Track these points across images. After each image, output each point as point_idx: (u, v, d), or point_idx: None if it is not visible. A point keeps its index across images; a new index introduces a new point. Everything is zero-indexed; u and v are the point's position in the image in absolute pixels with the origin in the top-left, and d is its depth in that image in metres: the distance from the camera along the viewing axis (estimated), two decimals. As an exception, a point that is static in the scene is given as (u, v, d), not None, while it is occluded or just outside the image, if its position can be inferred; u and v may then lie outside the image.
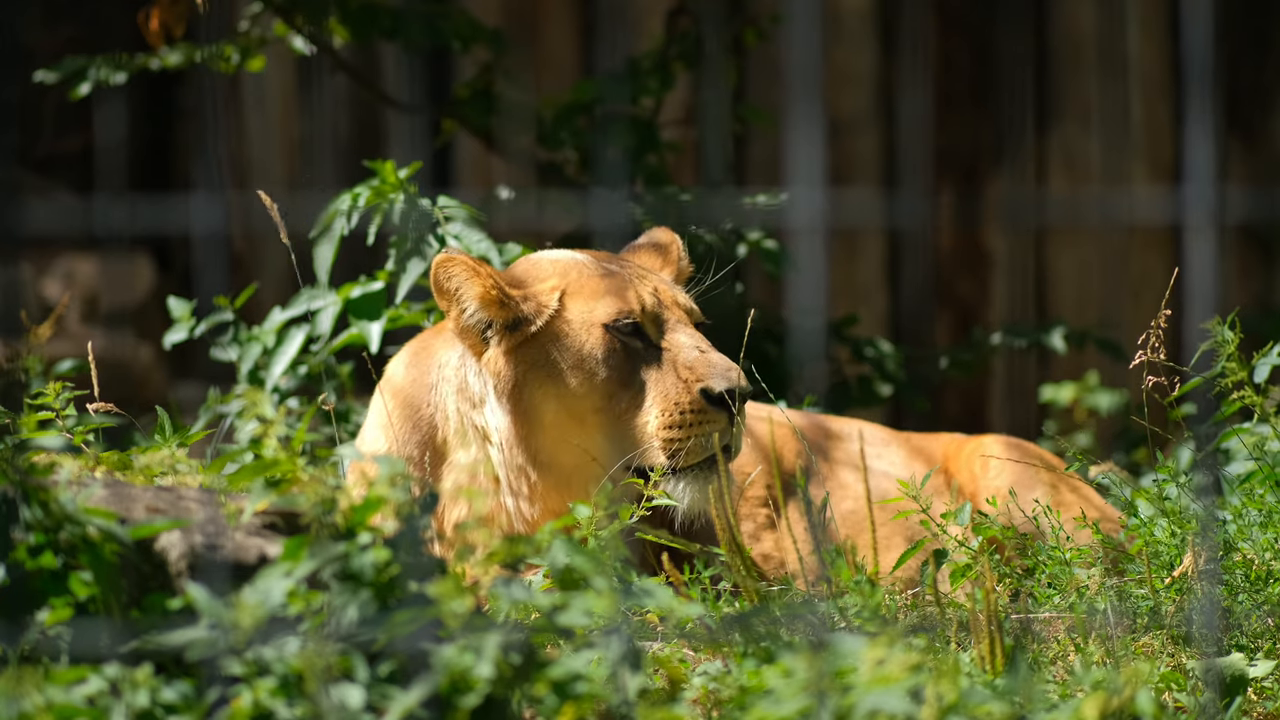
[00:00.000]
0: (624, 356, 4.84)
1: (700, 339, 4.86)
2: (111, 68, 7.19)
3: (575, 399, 4.85)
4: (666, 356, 4.84)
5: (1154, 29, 9.53)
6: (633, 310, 4.85)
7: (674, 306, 4.91)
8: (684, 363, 4.81)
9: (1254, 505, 4.57)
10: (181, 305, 6.34)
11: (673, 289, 4.97)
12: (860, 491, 5.38)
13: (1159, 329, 4.72)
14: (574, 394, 4.85)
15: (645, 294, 4.89)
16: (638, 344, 4.86)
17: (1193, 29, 7.84)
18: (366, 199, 5.86)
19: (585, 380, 4.85)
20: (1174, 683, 4.07)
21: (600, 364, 4.84)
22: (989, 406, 9.59)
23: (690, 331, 4.87)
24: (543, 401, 4.86)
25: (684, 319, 4.91)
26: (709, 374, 4.77)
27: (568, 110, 7.45)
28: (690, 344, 4.83)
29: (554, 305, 4.87)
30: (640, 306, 4.86)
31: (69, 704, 3.26)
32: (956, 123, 9.52)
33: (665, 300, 4.91)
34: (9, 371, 4.46)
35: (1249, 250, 9.67)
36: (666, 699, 3.59)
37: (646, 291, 4.90)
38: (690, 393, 4.77)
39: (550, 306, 4.87)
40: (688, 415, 4.77)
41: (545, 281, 4.93)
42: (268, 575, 3.35)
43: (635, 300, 4.86)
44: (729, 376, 4.75)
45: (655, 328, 4.87)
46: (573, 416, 4.85)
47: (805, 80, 6.66)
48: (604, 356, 4.84)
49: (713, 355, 4.81)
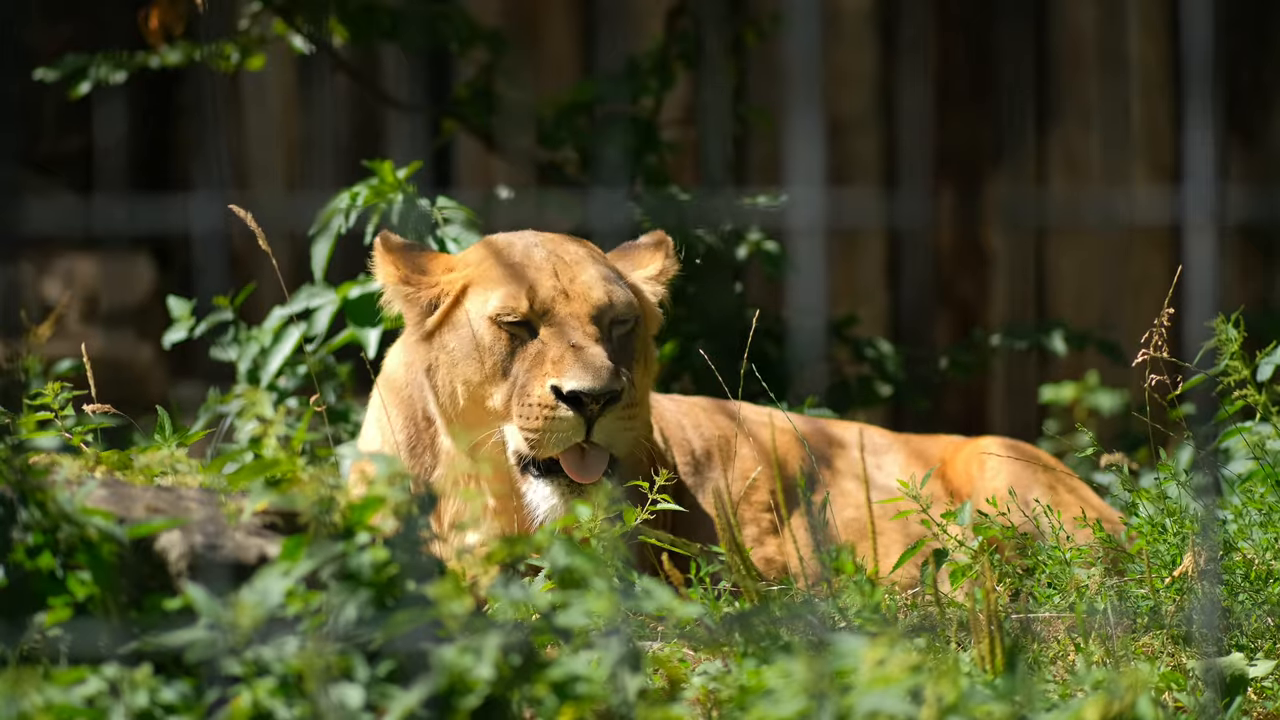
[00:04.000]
0: (508, 349, 4.87)
1: (588, 336, 4.82)
2: (111, 66, 7.19)
3: (471, 387, 4.91)
4: (540, 350, 4.84)
5: (1154, 29, 9.52)
6: (518, 305, 4.85)
7: (579, 301, 4.87)
8: (551, 357, 4.81)
9: (1254, 505, 4.57)
10: (181, 305, 6.34)
11: (595, 284, 4.90)
12: (862, 500, 5.39)
13: (1162, 327, 4.72)
14: (469, 382, 4.91)
15: (543, 288, 4.87)
16: (524, 336, 4.87)
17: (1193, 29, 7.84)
18: (365, 198, 5.86)
19: (476, 369, 4.90)
20: (1174, 683, 4.07)
21: (487, 353, 4.88)
22: (989, 407, 9.59)
23: (581, 328, 4.84)
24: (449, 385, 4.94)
25: (584, 314, 4.86)
26: (564, 371, 4.76)
27: (568, 110, 7.45)
28: (567, 340, 4.82)
29: (454, 294, 4.94)
30: (530, 302, 4.85)
31: (68, 704, 3.26)
32: (956, 122, 9.52)
33: (572, 294, 4.88)
34: (9, 371, 4.45)
35: (1249, 250, 9.67)
36: (666, 699, 3.59)
37: (546, 285, 4.87)
38: (542, 387, 4.78)
39: (450, 295, 4.94)
40: (536, 409, 4.79)
41: (456, 270, 4.98)
42: (267, 575, 3.35)
43: (527, 295, 4.86)
44: (584, 376, 4.73)
45: (544, 322, 4.86)
46: (473, 401, 4.91)
47: (805, 80, 6.65)
48: (489, 346, 4.88)
49: (586, 353, 4.78)
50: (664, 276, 5.14)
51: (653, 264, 5.14)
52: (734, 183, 8.48)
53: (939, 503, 5.39)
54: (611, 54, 8.63)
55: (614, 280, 4.95)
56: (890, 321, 9.56)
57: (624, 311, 4.91)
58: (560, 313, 4.85)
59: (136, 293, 9.24)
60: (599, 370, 4.74)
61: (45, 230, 9.01)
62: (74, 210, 9.08)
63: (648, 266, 5.13)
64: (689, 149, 8.71)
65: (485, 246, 5.05)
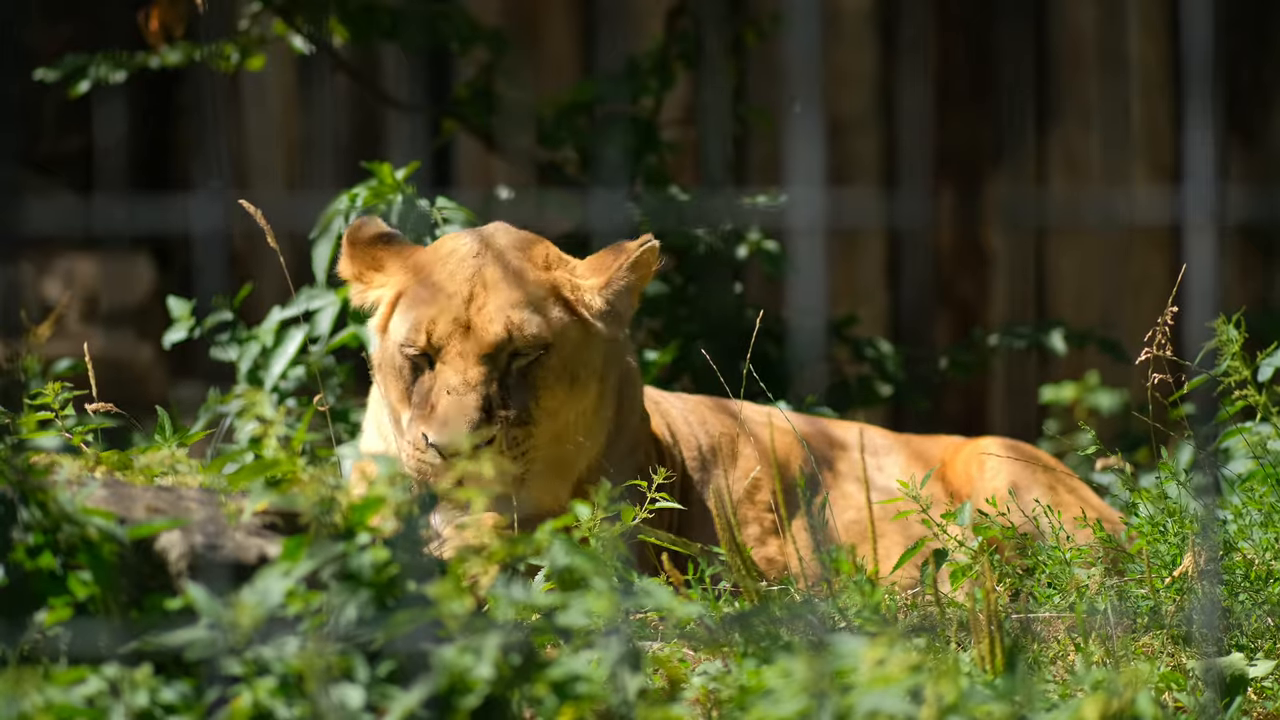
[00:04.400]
0: (411, 378, 4.97)
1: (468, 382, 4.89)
2: (111, 66, 7.18)
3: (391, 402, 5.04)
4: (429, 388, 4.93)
5: (1154, 29, 9.52)
6: (417, 339, 4.92)
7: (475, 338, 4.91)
8: (431, 399, 4.90)
9: (1255, 505, 4.57)
10: (181, 304, 6.33)
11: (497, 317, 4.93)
12: (863, 502, 5.39)
13: (1165, 325, 4.71)
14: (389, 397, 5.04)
15: (442, 322, 4.92)
16: (424, 366, 4.96)
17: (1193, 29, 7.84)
18: (365, 199, 5.86)
19: (391, 386, 5.01)
20: (1174, 683, 4.07)
21: (396, 377, 4.99)
22: (989, 407, 9.59)
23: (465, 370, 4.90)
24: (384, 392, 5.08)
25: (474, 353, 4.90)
26: (432, 420, 4.86)
27: (568, 110, 7.44)
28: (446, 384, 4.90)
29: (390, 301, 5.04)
30: (428, 336, 4.92)
31: (68, 704, 3.26)
32: (956, 122, 9.52)
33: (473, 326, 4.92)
34: (9, 371, 4.45)
35: (1249, 250, 9.67)
36: (666, 699, 3.59)
37: (447, 319, 4.92)
38: (415, 430, 4.89)
39: (387, 303, 5.04)
40: (410, 448, 4.90)
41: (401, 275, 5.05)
42: (267, 575, 3.35)
43: (426, 328, 4.92)
44: (443, 430, 4.82)
45: (439, 357, 4.93)
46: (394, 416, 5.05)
47: (805, 80, 6.66)
48: (398, 370, 4.98)
49: (464, 400, 4.86)
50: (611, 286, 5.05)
51: (607, 271, 5.07)
52: (734, 183, 8.48)
53: (939, 503, 5.39)
54: (611, 54, 8.63)
55: (525, 309, 4.95)
56: (890, 321, 9.56)
57: (526, 344, 4.93)
58: (452, 350, 4.93)
59: (136, 293, 9.24)
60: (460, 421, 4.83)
61: (45, 230, 9.01)
62: (74, 210, 9.08)
63: (602, 273, 5.07)
64: (689, 149, 8.71)
65: (432, 251, 5.08)
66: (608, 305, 5.05)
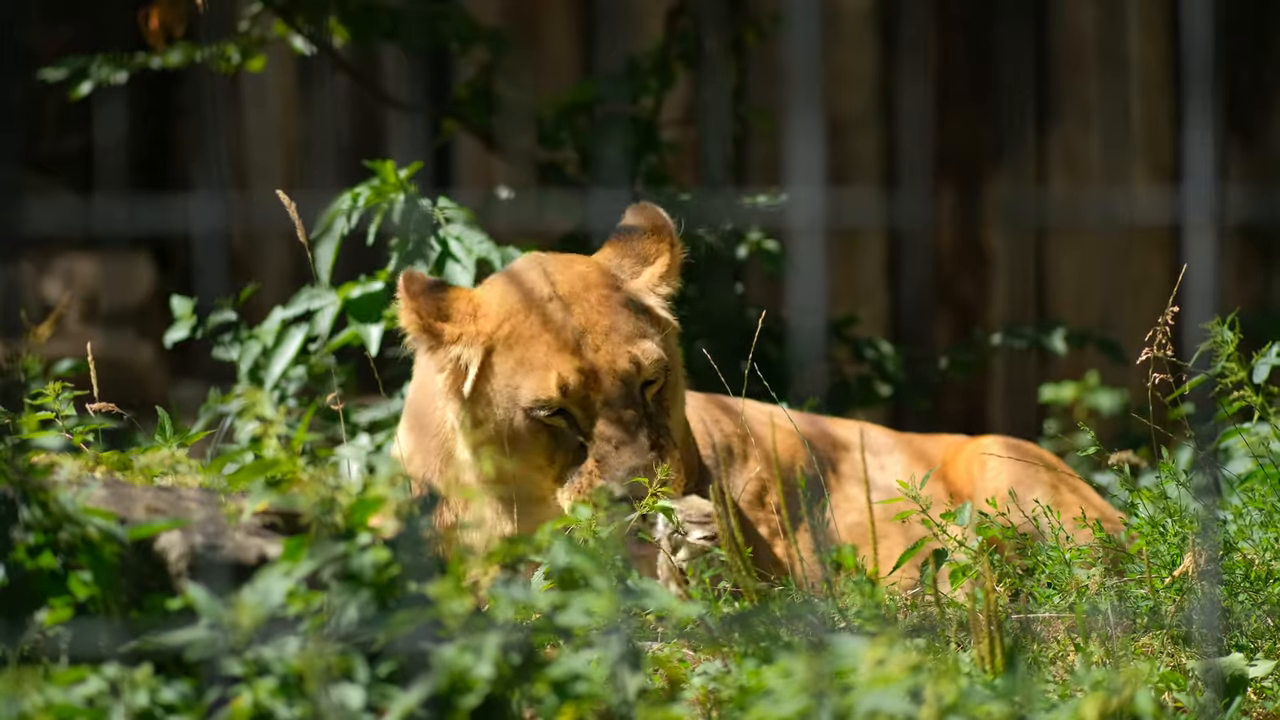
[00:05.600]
0: (548, 436, 4.92)
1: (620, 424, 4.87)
2: (112, 67, 7.19)
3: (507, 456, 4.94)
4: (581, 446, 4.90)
5: (1154, 29, 9.52)
6: (552, 398, 4.87)
7: (609, 378, 4.90)
8: (597, 455, 4.86)
9: (1254, 505, 4.57)
10: (183, 303, 6.33)
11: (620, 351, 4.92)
12: (865, 504, 5.38)
13: (1166, 325, 4.71)
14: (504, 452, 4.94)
15: (572, 375, 4.87)
16: (562, 425, 4.90)
17: (1193, 29, 7.84)
18: (367, 199, 5.86)
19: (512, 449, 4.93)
20: (1174, 683, 4.07)
21: (523, 439, 4.92)
22: (989, 406, 9.59)
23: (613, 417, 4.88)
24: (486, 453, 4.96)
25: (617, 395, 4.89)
26: (608, 472, 4.84)
27: (568, 110, 7.44)
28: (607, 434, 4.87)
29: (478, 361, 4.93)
30: (562, 391, 4.87)
31: (68, 704, 3.26)
32: (956, 122, 9.52)
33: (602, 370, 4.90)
34: (9, 371, 4.45)
35: (1249, 250, 9.67)
36: (666, 699, 3.59)
37: (573, 367, 4.87)
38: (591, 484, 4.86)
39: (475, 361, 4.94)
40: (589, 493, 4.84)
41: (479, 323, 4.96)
42: (267, 575, 3.35)
43: (558, 383, 4.87)
44: (625, 481, 4.80)
45: (581, 410, 4.90)
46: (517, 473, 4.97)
47: (805, 80, 6.66)
48: (526, 434, 4.92)
49: (624, 452, 4.85)
50: (671, 273, 5.10)
51: (659, 260, 5.10)
52: (734, 183, 8.48)
53: (940, 503, 5.39)
54: (611, 54, 8.64)
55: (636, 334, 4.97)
56: (890, 321, 9.56)
57: (653, 371, 4.95)
58: (595, 400, 4.89)
59: (136, 293, 9.24)
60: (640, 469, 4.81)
61: (45, 230, 9.01)
62: (74, 210, 9.08)
63: (655, 263, 5.10)
64: (689, 149, 8.71)
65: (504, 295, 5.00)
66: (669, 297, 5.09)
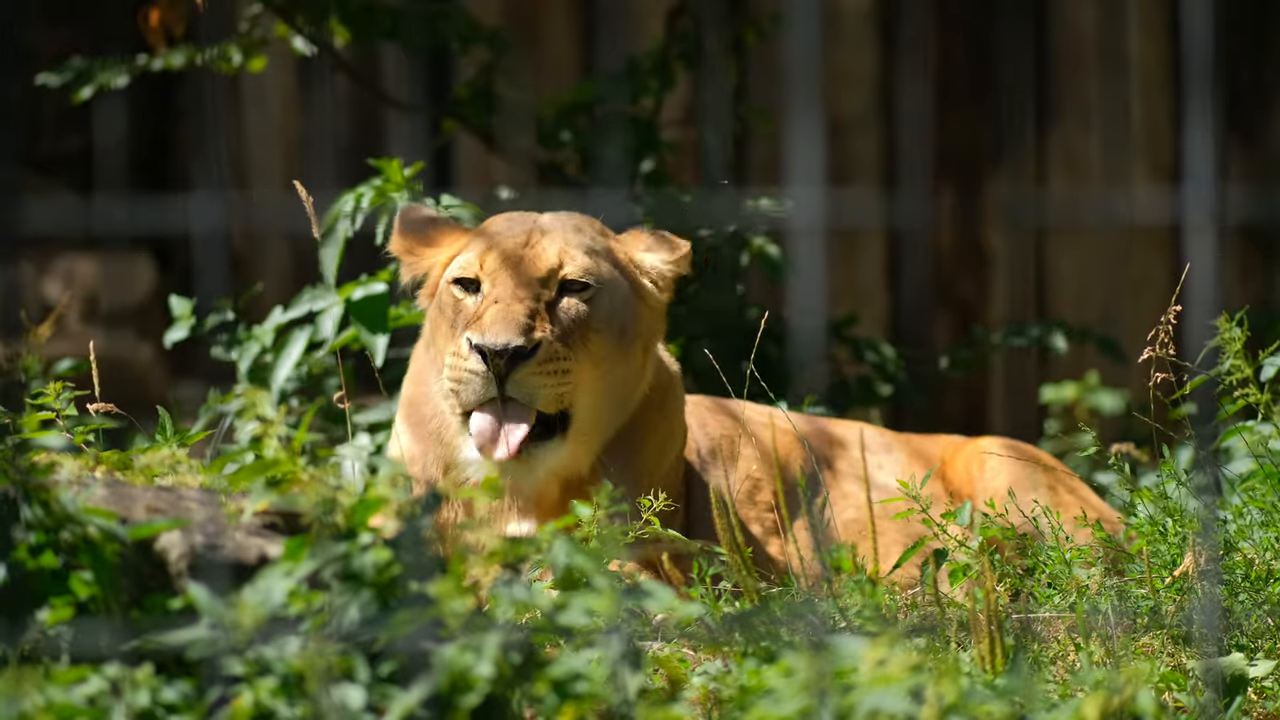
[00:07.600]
0: (457, 308, 4.94)
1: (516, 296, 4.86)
2: (114, 71, 7.18)
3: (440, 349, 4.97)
4: (475, 306, 4.91)
5: (1154, 29, 9.52)
6: (469, 266, 4.93)
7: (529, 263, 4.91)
8: (477, 312, 4.87)
9: (1255, 504, 4.57)
10: (183, 303, 6.33)
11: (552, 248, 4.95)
12: (863, 501, 5.39)
13: (1168, 324, 4.71)
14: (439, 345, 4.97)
15: (498, 250, 4.91)
16: (473, 294, 4.93)
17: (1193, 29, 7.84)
18: (370, 199, 5.85)
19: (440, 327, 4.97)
20: (1174, 683, 4.07)
21: (443, 314, 4.95)
22: (989, 406, 9.59)
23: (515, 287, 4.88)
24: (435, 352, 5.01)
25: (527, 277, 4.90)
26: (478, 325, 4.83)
27: (568, 110, 7.44)
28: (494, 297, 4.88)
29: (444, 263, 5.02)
30: (481, 262, 4.91)
31: (69, 704, 3.26)
32: (956, 122, 9.52)
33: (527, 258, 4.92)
34: (9, 371, 4.45)
35: (1249, 250, 9.67)
36: (666, 699, 3.59)
37: (502, 249, 4.91)
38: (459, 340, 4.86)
39: (434, 270, 5.04)
40: (452, 359, 4.86)
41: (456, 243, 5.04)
42: (268, 575, 3.35)
43: (479, 256, 4.92)
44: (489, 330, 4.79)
45: (490, 281, 4.92)
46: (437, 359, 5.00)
47: (805, 80, 6.66)
48: (446, 306, 4.96)
49: (511, 309, 4.83)
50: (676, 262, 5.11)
51: (669, 249, 5.13)
52: (734, 183, 8.48)
53: (939, 503, 5.39)
54: (611, 54, 8.64)
55: (582, 250, 4.98)
56: (890, 321, 9.56)
57: (578, 275, 4.94)
58: (506, 273, 4.90)
59: (136, 293, 9.24)
60: (506, 325, 4.79)
61: (45, 230, 9.01)
62: (74, 210, 9.08)
63: (662, 250, 5.13)
64: (689, 149, 8.71)
65: (494, 222, 5.10)
66: (656, 275, 5.09)
